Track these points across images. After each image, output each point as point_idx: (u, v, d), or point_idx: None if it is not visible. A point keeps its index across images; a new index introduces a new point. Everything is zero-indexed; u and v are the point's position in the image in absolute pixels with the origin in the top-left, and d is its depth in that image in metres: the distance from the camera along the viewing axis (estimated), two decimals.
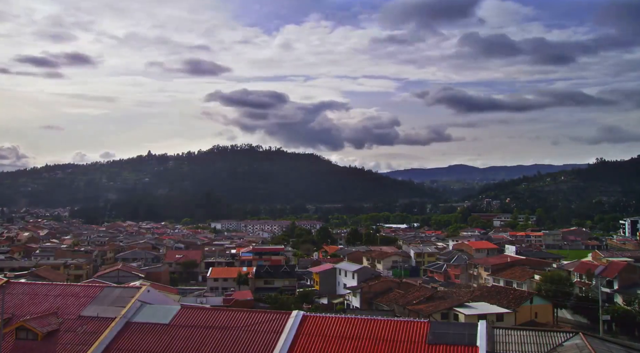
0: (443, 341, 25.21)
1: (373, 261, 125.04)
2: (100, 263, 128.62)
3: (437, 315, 55.74)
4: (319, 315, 28.91)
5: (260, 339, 26.95)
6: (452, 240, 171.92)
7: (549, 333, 27.67)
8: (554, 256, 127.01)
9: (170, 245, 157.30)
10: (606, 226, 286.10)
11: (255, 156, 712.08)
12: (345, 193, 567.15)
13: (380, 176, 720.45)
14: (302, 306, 70.32)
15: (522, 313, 58.07)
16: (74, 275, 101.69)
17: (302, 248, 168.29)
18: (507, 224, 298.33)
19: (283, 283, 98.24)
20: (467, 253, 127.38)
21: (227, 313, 29.93)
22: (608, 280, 78.83)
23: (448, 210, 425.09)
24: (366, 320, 27.53)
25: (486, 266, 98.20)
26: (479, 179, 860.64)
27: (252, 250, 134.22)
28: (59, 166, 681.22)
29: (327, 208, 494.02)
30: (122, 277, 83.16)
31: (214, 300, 73.16)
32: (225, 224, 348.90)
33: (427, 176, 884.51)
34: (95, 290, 33.94)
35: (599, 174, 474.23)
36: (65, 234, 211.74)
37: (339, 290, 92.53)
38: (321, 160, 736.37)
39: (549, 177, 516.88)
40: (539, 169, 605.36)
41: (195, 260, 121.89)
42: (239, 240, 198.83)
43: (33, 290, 34.30)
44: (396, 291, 71.37)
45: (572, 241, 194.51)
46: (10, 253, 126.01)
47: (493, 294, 64.63)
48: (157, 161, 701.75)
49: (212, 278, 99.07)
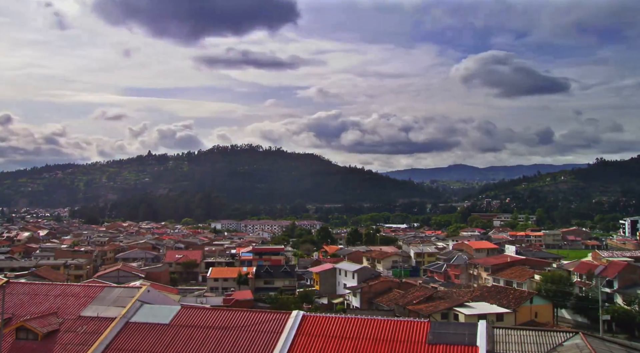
0: (443, 341, 25.19)
1: (373, 261, 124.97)
2: (100, 263, 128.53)
3: (437, 315, 55.74)
4: (318, 315, 28.89)
5: (260, 339, 26.94)
6: (452, 240, 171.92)
7: (549, 333, 27.68)
8: (554, 256, 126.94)
9: (170, 245, 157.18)
10: (606, 226, 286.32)
11: (255, 156, 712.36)
12: (345, 193, 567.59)
13: (380, 176, 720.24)
14: (302, 307, 70.35)
15: (522, 313, 58.09)
16: (74, 275, 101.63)
17: (302, 248, 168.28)
18: (507, 224, 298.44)
19: (283, 283, 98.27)
20: (467, 253, 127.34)
21: (227, 313, 29.92)
22: (608, 280, 78.76)
23: (448, 210, 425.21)
24: (366, 320, 27.51)
25: (486, 266, 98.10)
26: (479, 179, 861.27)
27: (252, 250, 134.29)
28: (59, 166, 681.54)
29: (327, 208, 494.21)
30: (122, 277, 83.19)
31: (214, 300, 73.08)
32: (225, 224, 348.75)
33: (427, 176, 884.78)
34: (95, 290, 33.93)
35: (599, 174, 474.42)
36: (65, 234, 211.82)
37: (339, 290, 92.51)
38: (321, 160, 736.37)
39: (549, 177, 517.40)
40: (539, 169, 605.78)
41: (195, 260, 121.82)
42: (239, 240, 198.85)
43: (33, 290, 34.29)
44: (396, 291, 71.37)
45: (572, 241, 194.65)
46: (10, 253, 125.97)
47: (493, 294, 64.63)
48: (157, 161, 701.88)
49: (212, 278, 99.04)
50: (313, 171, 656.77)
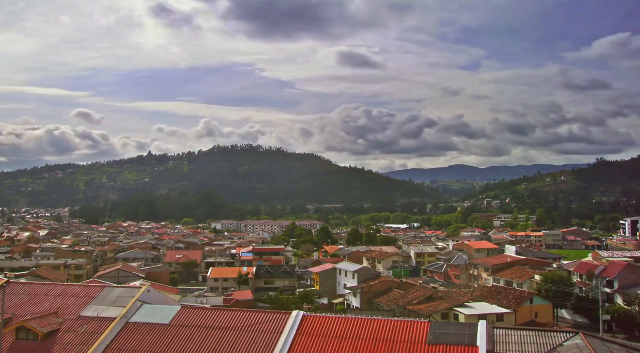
0: (443, 341, 25.19)
1: (373, 261, 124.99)
2: (100, 263, 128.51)
3: (437, 315, 55.74)
4: (319, 315, 28.89)
5: (260, 339, 26.94)
6: (452, 240, 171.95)
7: (549, 333, 27.66)
8: (554, 256, 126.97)
9: (170, 245, 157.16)
10: (606, 226, 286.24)
11: (255, 156, 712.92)
12: (345, 193, 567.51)
13: (380, 176, 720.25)
14: (302, 307, 70.34)
15: (522, 313, 58.08)
16: (74, 275, 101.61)
17: (302, 248, 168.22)
18: (507, 224, 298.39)
19: (283, 283, 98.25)
20: (467, 253, 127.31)
21: (227, 313, 29.92)
22: (608, 280, 78.68)
23: (448, 210, 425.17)
24: (366, 320, 27.51)
25: (486, 266, 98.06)
26: (479, 179, 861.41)
27: (252, 250, 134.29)
28: (59, 166, 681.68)
29: (327, 208, 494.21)
30: (122, 277, 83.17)
31: (214, 300, 73.01)
32: (225, 224, 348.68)
33: (427, 176, 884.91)
34: (95, 290, 33.93)
35: (599, 174, 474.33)
36: (65, 234, 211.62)
37: (339, 290, 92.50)
38: (321, 160, 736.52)
39: (549, 177, 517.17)
40: (539, 169, 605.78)
41: (195, 260, 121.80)
42: (239, 240, 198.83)
43: (33, 290, 34.28)
44: (396, 291, 71.41)
45: (572, 241, 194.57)
46: (10, 253, 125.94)
47: (493, 294, 64.62)
48: (157, 161, 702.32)
49: (212, 278, 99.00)
50: (313, 171, 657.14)
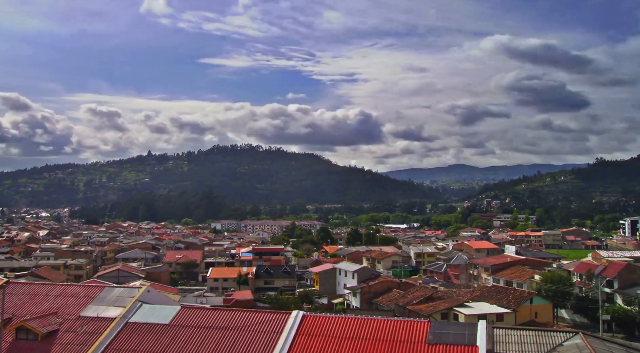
0: (443, 341, 25.18)
1: (373, 261, 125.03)
2: (100, 263, 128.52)
3: (437, 315, 55.72)
4: (318, 315, 28.87)
5: (260, 339, 26.93)
6: (452, 240, 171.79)
7: (549, 333, 27.70)
8: (554, 256, 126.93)
9: (170, 245, 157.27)
10: (606, 226, 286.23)
11: (255, 156, 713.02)
12: (345, 193, 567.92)
13: (380, 176, 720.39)
14: (302, 307, 70.39)
15: (522, 313, 58.06)
16: (74, 275, 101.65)
17: (302, 248, 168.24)
18: (507, 224, 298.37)
19: (283, 283, 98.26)
20: (467, 253, 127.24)
21: (227, 313, 29.90)
22: (608, 280, 78.70)
23: (448, 210, 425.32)
24: (366, 320, 27.50)
25: (486, 266, 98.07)
26: (479, 179, 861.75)
27: (252, 250, 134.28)
28: (59, 166, 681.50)
29: (327, 208, 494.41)
30: (122, 277, 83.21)
31: (214, 300, 73.02)
32: (225, 224, 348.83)
33: (427, 176, 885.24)
34: (95, 290, 33.93)
35: (599, 174, 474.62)
36: (65, 234, 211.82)
37: (339, 290, 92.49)
38: (321, 160, 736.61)
39: (549, 177, 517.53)
40: (539, 169, 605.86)
41: (195, 260, 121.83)
42: (239, 240, 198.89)
43: (33, 290, 34.27)
44: (396, 291, 71.38)
45: (572, 241, 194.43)
46: (10, 253, 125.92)
47: (493, 294, 64.59)
48: (157, 161, 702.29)
49: (212, 278, 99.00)
50: (313, 171, 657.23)
